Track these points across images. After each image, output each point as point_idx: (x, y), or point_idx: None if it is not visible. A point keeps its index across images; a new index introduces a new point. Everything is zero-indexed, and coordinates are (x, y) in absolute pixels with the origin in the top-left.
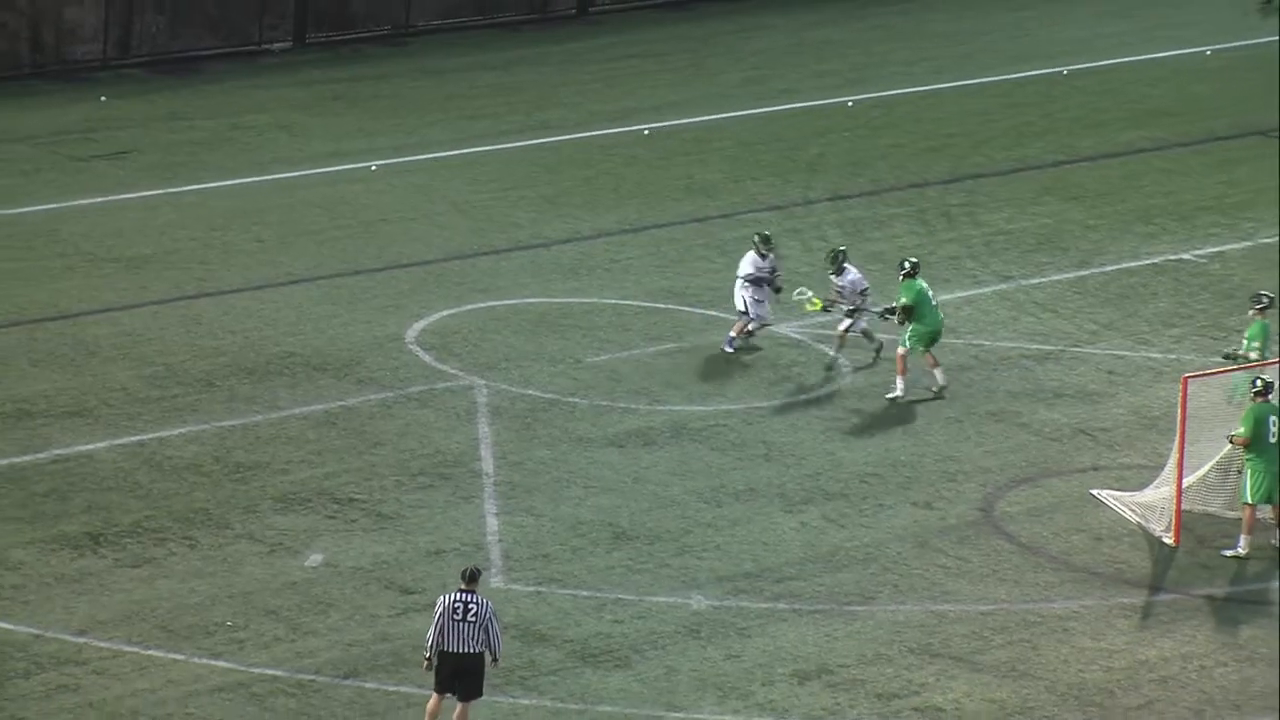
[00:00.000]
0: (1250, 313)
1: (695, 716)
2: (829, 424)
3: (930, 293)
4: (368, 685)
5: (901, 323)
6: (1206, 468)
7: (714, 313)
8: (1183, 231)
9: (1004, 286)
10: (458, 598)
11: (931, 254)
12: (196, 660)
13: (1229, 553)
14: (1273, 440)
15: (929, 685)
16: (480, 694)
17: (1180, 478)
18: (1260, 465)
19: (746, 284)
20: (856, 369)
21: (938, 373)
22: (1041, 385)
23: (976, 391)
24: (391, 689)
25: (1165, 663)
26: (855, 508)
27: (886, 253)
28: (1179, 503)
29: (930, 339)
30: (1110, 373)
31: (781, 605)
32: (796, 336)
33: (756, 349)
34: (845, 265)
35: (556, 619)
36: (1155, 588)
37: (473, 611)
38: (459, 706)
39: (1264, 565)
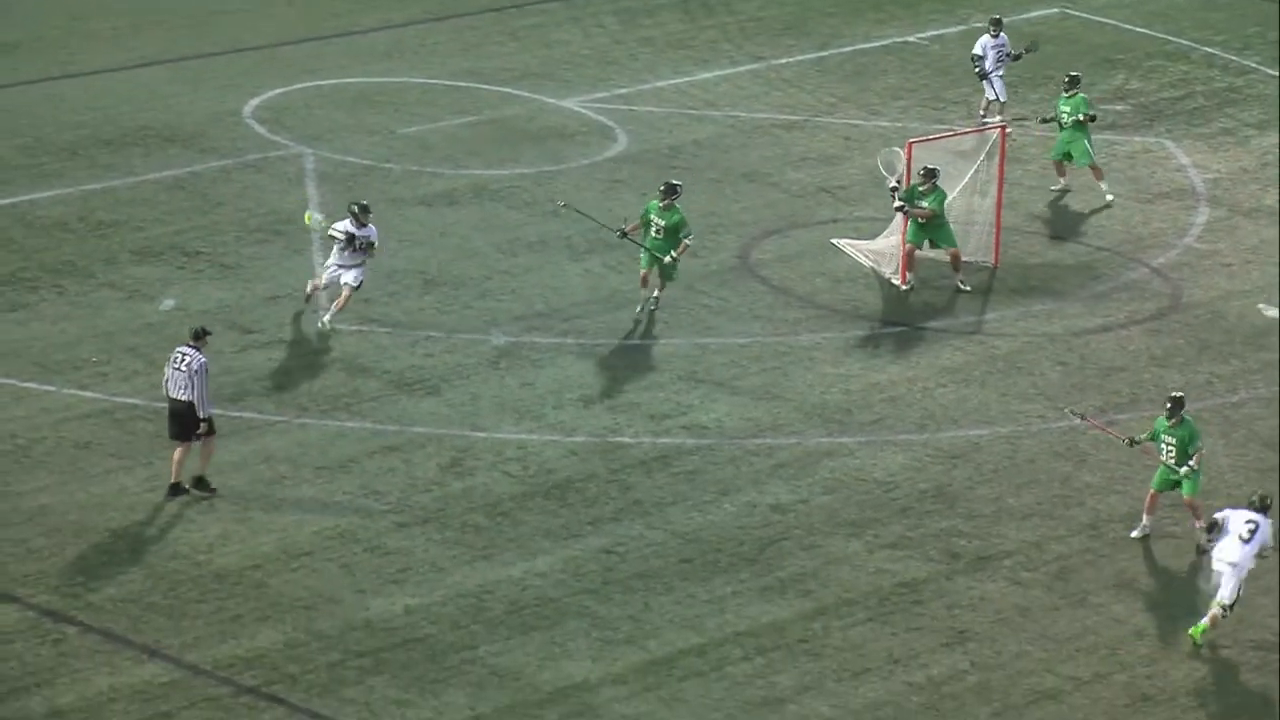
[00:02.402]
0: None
1: (495, 435)
2: (608, 185)
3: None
4: (214, 411)
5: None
6: None
7: (509, 90)
8: (908, 18)
9: (756, 66)
10: (180, 349)
11: (694, 39)
12: (66, 391)
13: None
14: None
15: (695, 406)
16: (188, 439)
17: (905, 227)
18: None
19: (993, 63)
20: (630, 138)
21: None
22: (789, 150)
23: (734, 157)
24: (235, 414)
25: (893, 385)
26: (630, 256)
27: (656, 38)
28: (905, 248)
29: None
30: (847, 139)
31: (569, 340)
32: (581, 110)
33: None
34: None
35: (376, 354)
36: (885, 321)
37: (185, 361)
38: (178, 448)
39: (975, 301)
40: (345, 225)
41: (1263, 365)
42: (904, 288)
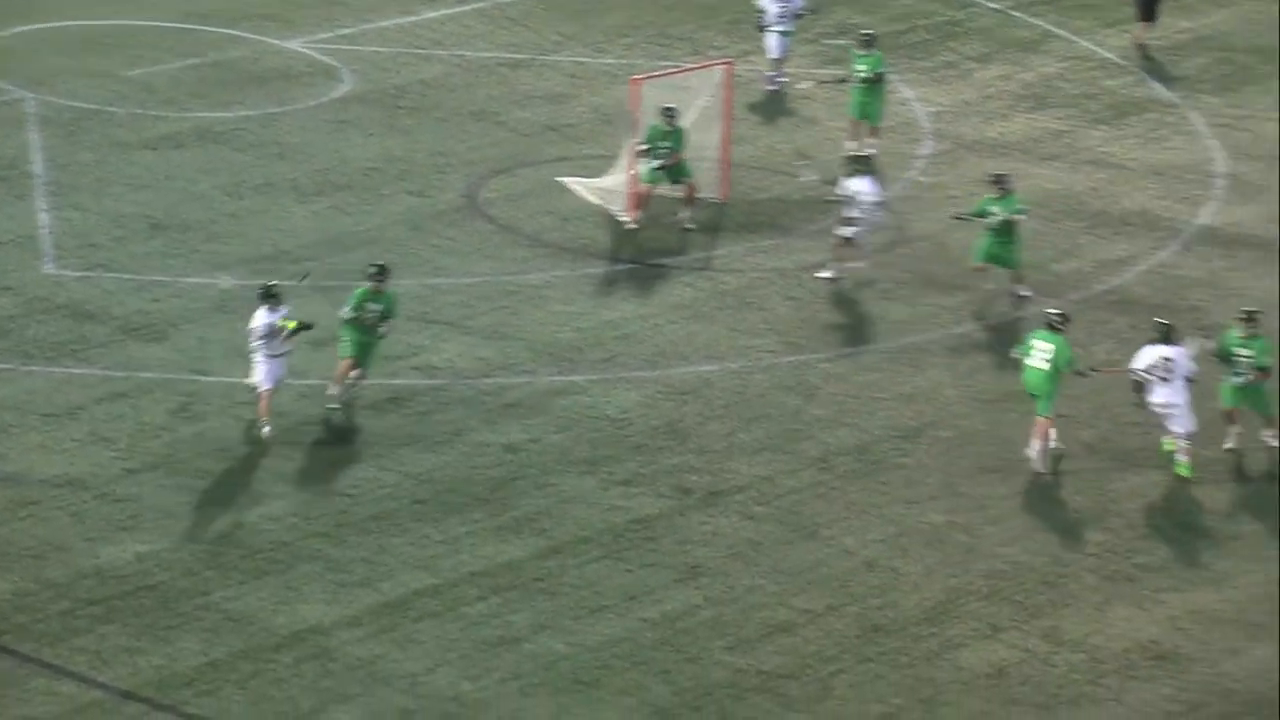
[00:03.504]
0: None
1: (225, 379)
2: (335, 125)
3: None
4: None
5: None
6: None
7: (232, 31)
8: None
9: (482, 5)
10: None
11: None
12: None
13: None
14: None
15: (425, 347)
16: None
17: (634, 165)
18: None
19: (776, 18)
20: (355, 78)
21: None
22: (515, 89)
23: (460, 96)
24: None
25: (624, 322)
26: (359, 197)
27: None
28: (634, 186)
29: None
30: (573, 77)
31: (296, 282)
32: (305, 51)
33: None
34: None
35: (103, 299)
36: (615, 259)
37: None
38: None
39: (704, 237)
40: (263, 315)
41: (986, 296)
42: (632, 225)
